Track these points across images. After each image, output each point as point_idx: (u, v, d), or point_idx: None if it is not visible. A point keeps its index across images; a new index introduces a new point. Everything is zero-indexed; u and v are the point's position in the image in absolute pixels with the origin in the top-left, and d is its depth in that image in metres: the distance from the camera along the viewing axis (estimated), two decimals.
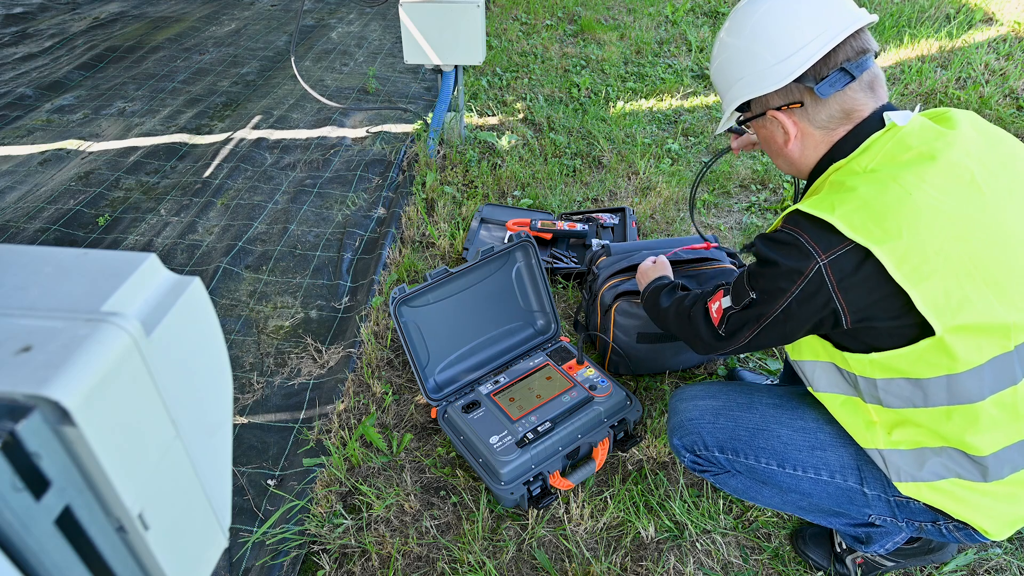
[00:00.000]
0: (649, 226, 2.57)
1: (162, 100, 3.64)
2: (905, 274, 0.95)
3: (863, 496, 1.20)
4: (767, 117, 1.16)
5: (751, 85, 1.14)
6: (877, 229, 0.96)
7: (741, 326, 1.17)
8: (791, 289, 1.04)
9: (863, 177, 1.03)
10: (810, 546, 1.48)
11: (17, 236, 2.52)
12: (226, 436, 0.53)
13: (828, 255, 0.99)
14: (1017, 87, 3.47)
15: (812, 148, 1.14)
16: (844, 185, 1.04)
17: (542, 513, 1.58)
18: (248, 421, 1.83)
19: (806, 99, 1.10)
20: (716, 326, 1.22)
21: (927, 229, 0.96)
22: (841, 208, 0.99)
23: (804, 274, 1.02)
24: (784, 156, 1.19)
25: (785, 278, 1.04)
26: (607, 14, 4.86)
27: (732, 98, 1.19)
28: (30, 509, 0.35)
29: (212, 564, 0.52)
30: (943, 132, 1.06)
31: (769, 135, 1.19)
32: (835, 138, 1.11)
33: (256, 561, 1.48)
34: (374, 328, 2.09)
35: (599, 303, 1.85)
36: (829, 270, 0.99)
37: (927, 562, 1.42)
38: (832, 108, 1.09)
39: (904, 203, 0.97)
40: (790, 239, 1.04)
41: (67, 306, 0.40)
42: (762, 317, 1.12)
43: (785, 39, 1.08)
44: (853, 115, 1.09)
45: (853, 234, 0.96)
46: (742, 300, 1.15)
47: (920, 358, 1.00)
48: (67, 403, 0.34)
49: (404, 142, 3.18)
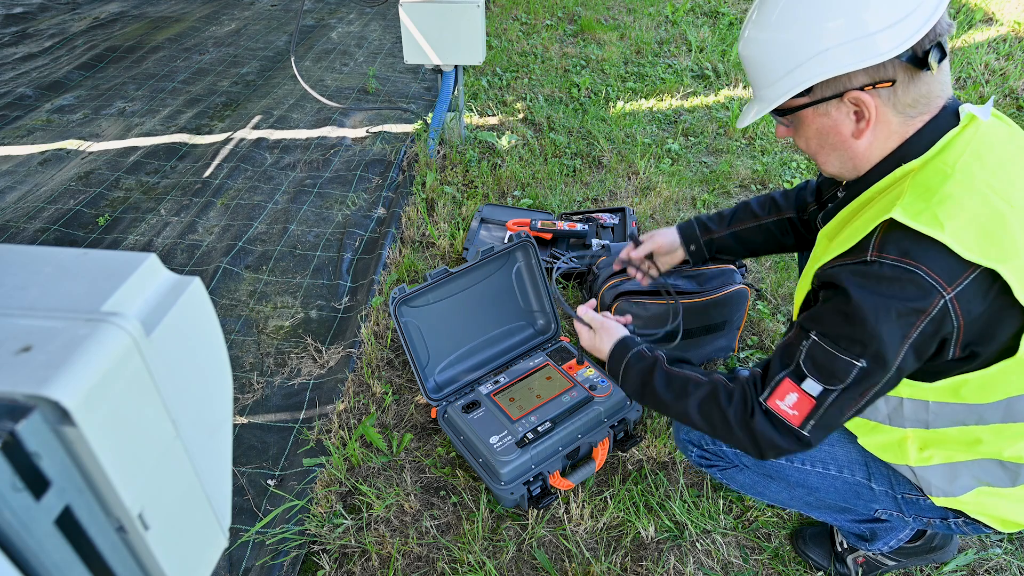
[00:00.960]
0: (649, 226, 2.57)
1: (162, 100, 3.64)
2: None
3: (870, 491, 1.19)
4: (840, 101, 0.95)
5: (840, 60, 0.91)
6: (994, 248, 0.84)
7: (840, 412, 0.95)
8: (910, 334, 0.87)
9: (956, 183, 0.89)
10: (810, 546, 1.48)
11: (17, 236, 2.52)
12: (226, 436, 0.53)
13: (954, 287, 0.85)
14: (1017, 87, 3.47)
15: (884, 140, 0.97)
16: (936, 191, 0.88)
17: (542, 513, 1.58)
18: (248, 421, 1.83)
19: (899, 76, 0.91)
20: (798, 427, 0.97)
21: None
22: (951, 223, 0.85)
23: (927, 312, 0.86)
24: (845, 149, 1.00)
25: (903, 323, 0.87)
26: (607, 14, 4.86)
27: (802, 79, 0.95)
28: (30, 509, 0.35)
29: (212, 564, 0.52)
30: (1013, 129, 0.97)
31: (832, 124, 0.98)
32: (911, 130, 0.95)
33: (256, 561, 1.48)
34: (374, 328, 2.09)
35: (599, 303, 1.85)
36: (956, 304, 0.85)
37: (929, 561, 1.42)
38: (921, 90, 0.92)
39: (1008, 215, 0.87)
40: (902, 274, 0.86)
41: (67, 306, 0.40)
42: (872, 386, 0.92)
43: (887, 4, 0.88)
44: (933, 103, 0.94)
45: (973, 256, 0.84)
46: (846, 376, 0.92)
47: (990, 381, 0.93)
48: (67, 403, 0.34)
49: (404, 142, 3.18)
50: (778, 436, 0.99)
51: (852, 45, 0.90)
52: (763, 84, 1.02)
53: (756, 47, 1.01)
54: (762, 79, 1.02)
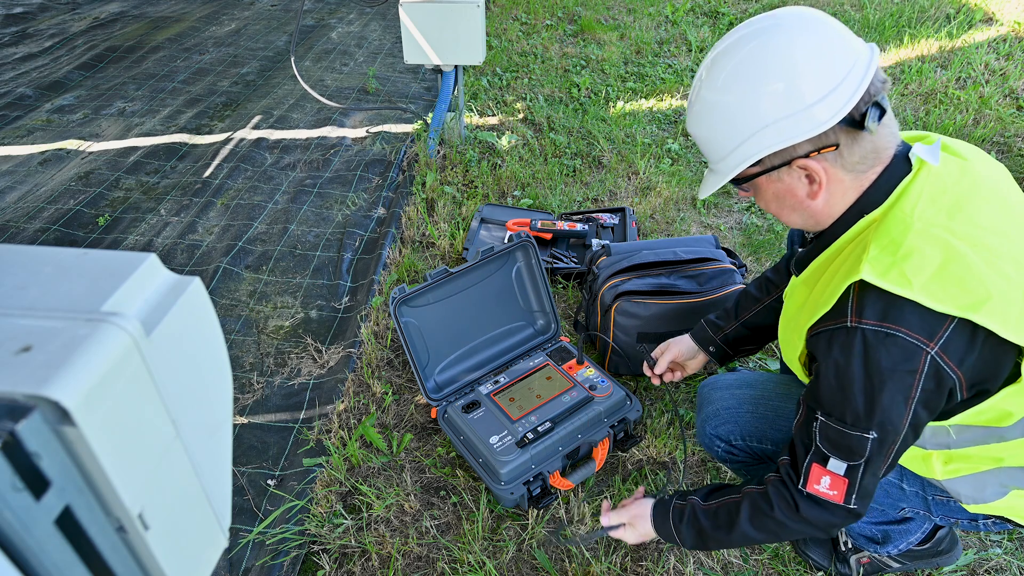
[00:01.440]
0: (649, 226, 2.57)
1: (162, 100, 3.64)
2: (1013, 330, 0.87)
3: (900, 491, 1.19)
4: (789, 168, 0.99)
5: (782, 133, 0.95)
6: (967, 295, 0.86)
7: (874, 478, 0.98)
8: (910, 396, 0.90)
9: (916, 234, 0.90)
10: (810, 546, 1.48)
11: (17, 236, 2.52)
12: (226, 436, 0.53)
13: (936, 341, 0.88)
14: (1017, 87, 3.47)
15: (840, 196, 1.00)
16: (903, 246, 0.90)
17: (542, 513, 1.58)
18: (248, 421, 1.83)
19: (842, 139, 0.95)
20: (843, 503, 1.00)
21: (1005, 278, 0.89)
22: (918, 278, 0.87)
23: (919, 371, 0.89)
24: (804, 210, 1.03)
25: (900, 388, 0.90)
26: (607, 14, 4.86)
27: (749, 154, 0.99)
28: (30, 509, 0.35)
29: (212, 564, 0.52)
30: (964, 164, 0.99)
31: (787, 188, 1.02)
32: (866, 183, 0.98)
33: (256, 561, 1.48)
34: (374, 328, 2.09)
35: (599, 303, 1.85)
36: (944, 356, 0.88)
37: (933, 565, 1.42)
38: (866, 147, 0.95)
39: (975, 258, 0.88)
40: (884, 339, 0.89)
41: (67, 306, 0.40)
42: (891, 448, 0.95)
43: (819, 76, 0.92)
44: (883, 155, 0.97)
45: (946, 308, 0.86)
46: (862, 450, 0.95)
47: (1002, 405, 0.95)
48: (67, 403, 0.34)
49: (404, 142, 3.19)
50: (831, 515, 1.02)
51: (792, 119, 0.93)
52: (715, 159, 1.07)
53: (702, 127, 1.06)
54: (713, 154, 1.06)
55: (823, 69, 0.92)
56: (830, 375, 0.95)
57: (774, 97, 0.94)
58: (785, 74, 0.93)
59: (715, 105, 1.01)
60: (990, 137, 3.05)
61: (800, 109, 0.93)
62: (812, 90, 0.92)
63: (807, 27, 0.95)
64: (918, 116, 3.26)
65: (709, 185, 1.09)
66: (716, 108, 1.01)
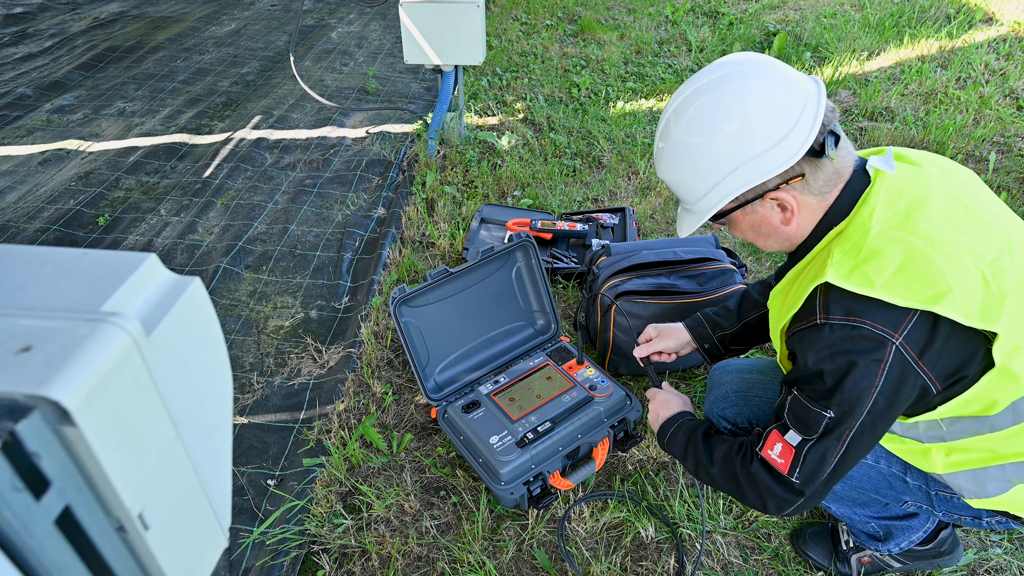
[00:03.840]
0: (649, 226, 2.57)
1: (162, 100, 3.64)
2: (980, 318, 0.91)
3: (903, 484, 1.20)
4: (762, 200, 1.07)
5: (752, 172, 1.03)
6: (927, 289, 0.92)
7: (821, 457, 1.03)
8: (874, 383, 0.95)
9: (880, 238, 0.98)
10: (810, 546, 1.48)
11: (17, 236, 2.52)
12: (226, 436, 0.53)
13: (900, 332, 0.93)
14: (1017, 87, 3.47)
15: (809, 217, 1.09)
16: (863, 248, 0.97)
17: (542, 513, 1.58)
18: (248, 421, 1.83)
19: (807, 169, 1.04)
20: (787, 474, 1.06)
21: (964, 270, 0.94)
22: (879, 278, 0.93)
23: (883, 361, 0.94)
24: (779, 235, 1.12)
25: (865, 376, 0.95)
26: (607, 14, 4.86)
27: (724, 194, 1.07)
28: (30, 509, 0.35)
29: (212, 564, 0.52)
30: (917, 169, 1.06)
31: (761, 219, 1.11)
32: (830, 201, 1.07)
33: (256, 561, 1.48)
34: (374, 328, 2.09)
35: (599, 303, 1.85)
36: (907, 347, 0.93)
37: (934, 566, 1.42)
38: (828, 172, 1.05)
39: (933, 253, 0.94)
40: (851, 332, 0.95)
41: (67, 306, 0.40)
42: (847, 431, 1.00)
43: (778, 117, 1.01)
44: (843, 174, 1.06)
45: (907, 302, 0.92)
46: (817, 425, 1.01)
47: (987, 393, 0.98)
48: (67, 403, 0.34)
49: (404, 142, 3.18)
50: (773, 483, 1.08)
51: (761, 158, 1.02)
52: (691, 201, 1.14)
53: (675, 174, 1.13)
54: (689, 197, 1.14)
55: (780, 110, 1.01)
56: (806, 361, 1.01)
57: (741, 142, 1.03)
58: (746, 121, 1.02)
59: (684, 156, 1.09)
60: (990, 137, 3.05)
61: (768, 148, 1.01)
62: (775, 130, 1.01)
63: (760, 72, 1.03)
64: (918, 116, 3.26)
65: (688, 225, 1.16)
66: (685, 159, 1.09)
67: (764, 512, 1.13)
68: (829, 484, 1.06)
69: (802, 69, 3.79)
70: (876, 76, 3.69)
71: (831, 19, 4.54)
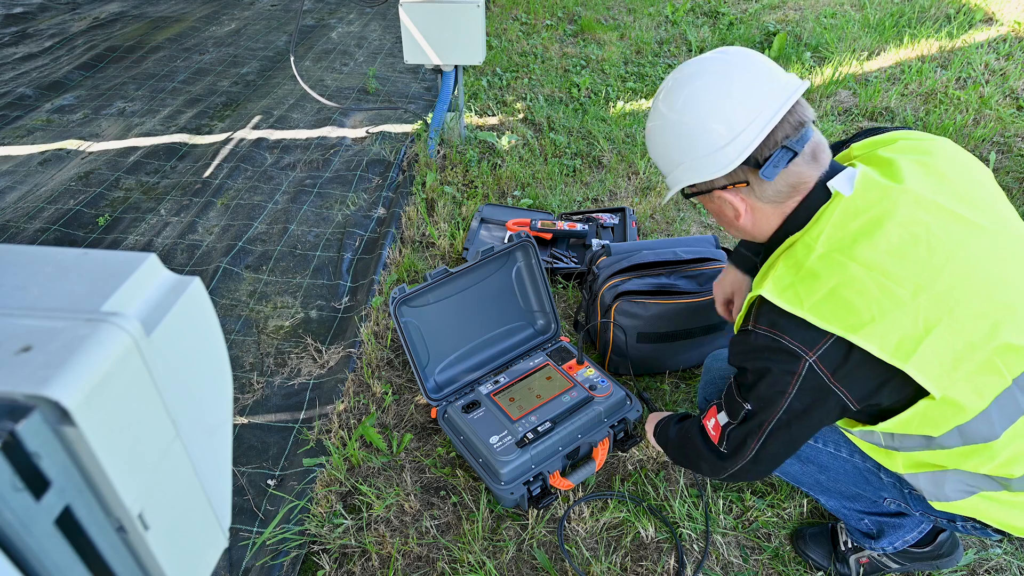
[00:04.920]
0: (649, 226, 2.57)
1: (162, 100, 3.64)
2: (892, 354, 0.93)
3: (879, 479, 1.22)
4: (710, 196, 1.14)
5: (692, 171, 1.11)
6: (851, 317, 0.94)
7: (743, 439, 1.11)
8: (787, 391, 1.01)
9: (821, 260, 0.99)
10: (810, 546, 1.48)
11: (17, 236, 2.52)
12: (226, 436, 0.53)
13: (815, 351, 0.97)
14: (1017, 87, 3.47)
15: (764, 221, 1.12)
16: (804, 268, 0.99)
17: (542, 513, 1.58)
18: (248, 421, 1.83)
19: (751, 179, 1.07)
20: (716, 444, 1.16)
21: (897, 302, 0.93)
22: (809, 300, 0.97)
23: (797, 373, 0.99)
24: (737, 228, 1.17)
25: (778, 382, 1.01)
26: (607, 14, 4.86)
27: (674, 181, 1.17)
28: (30, 509, 0.35)
29: (212, 564, 0.52)
30: (888, 189, 1.01)
31: (718, 209, 1.17)
32: (787, 211, 1.09)
33: (256, 561, 1.48)
34: (374, 328, 2.09)
35: (599, 303, 1.85)
36: (820, 365, 0.97)
37: (933, 568, 1.41)
38: (779, 185, 1.06)
39: (868, 282, 0.94)
40: (770, 343, 1.01)
41: (67, 306, 0.40)
42: (764, 424, 1.07)
43: (720, 126, 1.04)
44: (800, 187, 1.06)
45: (828, 326, 0.95)
46: (738, 414, 1.10)
47: (926, 417, 0.99)
48: (67, 403, 0.34)
49: (404, 142, 3.18)
50: (706, 449, 1.19)
51: (699, 161, 1.09)
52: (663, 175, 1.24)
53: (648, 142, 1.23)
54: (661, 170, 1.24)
55: (730, 116, 1.04)
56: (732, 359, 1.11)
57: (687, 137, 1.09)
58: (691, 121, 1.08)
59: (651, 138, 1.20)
60: (990, 137, 3.06)
61: (712, 151, 1.07)
62: (719, 136, 1.05)
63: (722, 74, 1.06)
64: (918, 116, 3.26)
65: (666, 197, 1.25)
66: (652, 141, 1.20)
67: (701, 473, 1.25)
68: (758, 464, 1.12)
69: (802, 69, 3.79)
70: (876, 76, 3.69)
71: (831, 19, 4.54)
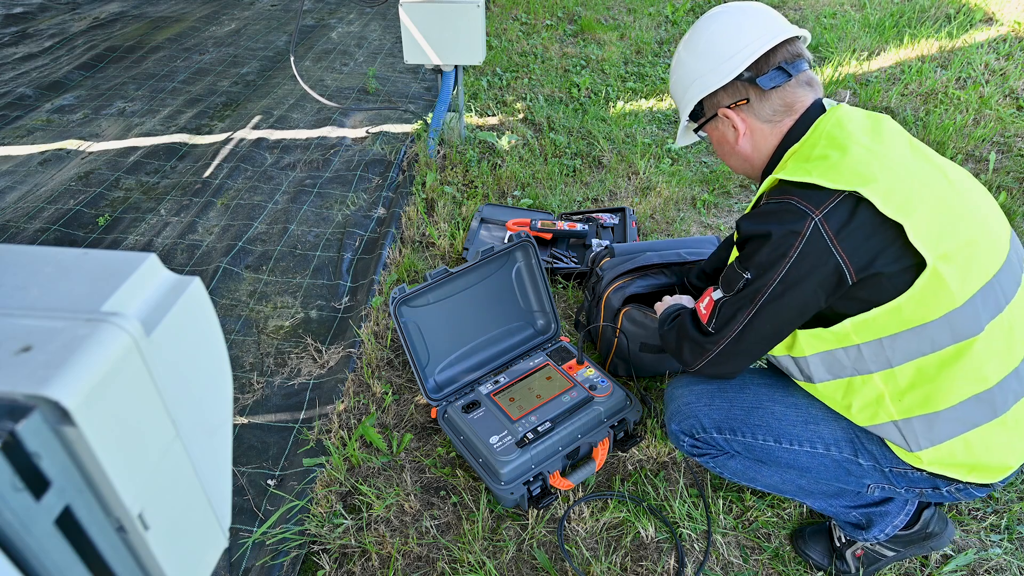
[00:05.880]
0: (649, 226, 2.57)
1: (162, 100, 3.64)
2: (894, 209, 1.02)
3: (859, 467, 1.23)
4: (718, 117, 1.27)
5: (702, 85, 1.26)
6: (856, 177, 1.04)
7: (733, 313, 1.16)
8: (789, 253, 1.06)
9: (827, 146, 1.11)
10: (810, 545, 1.48)
11: (17, 236, 2.52)
12: (226, 436, 0.53)
13: (821, 210, 1.04)
14: (1017, 87, 3.47)
15: (763, 142, 1.25)
16: (811, 156, 1.12)
17: (542, 513, 1.58)
18: (248, 421, 1.83)
19: (751, 95, 1.22)
20: (705, 323, 1.22)
21: (894, 172, 1.06)
22: (817, 170, 1.07)
23: (801, 233, 1.05)
24: (737, 154, 1.29)
25: (781, 244, 1.07)
26: (607, 14, 4.86)
27: (688, 100, 1.30)
28: (30, 509, 0.35)
29: (212, 564, 0.52)
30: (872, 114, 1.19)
31: (721, 136, 1.30)
32: (783, 130, 1.22)
33: (256, 561, 1.48)
34: (374, 328, 2.09)
35: (603, 305, 1.84)
36: (825, 224, 1.04)
37: (927, 549, 1.42)
38: (775, 102, 1.21)
39: (870, 154, 1.07)
40: (779, 206, 1.09)
41: (67, 306, 0.40)
42: (760, 292, 1.11)
43: (729, 43, 1.22)
44: (795, 107, 1.21)
45: (837, 185, 1.04)
46: (735, 284, 1.15)
47: (921, 300, 1.04)
48: (67, 403, 0.34)
49: (404, 142, 3.18)
50: (693, 329, 1.26)
51: (708, 73, 1.25)
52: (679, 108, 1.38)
53: (671, 83, 1.38)
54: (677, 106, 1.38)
55: (737, 37, 1.21)
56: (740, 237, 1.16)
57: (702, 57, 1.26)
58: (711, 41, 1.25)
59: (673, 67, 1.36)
60: (990, 137, 3.05)
61: (715, 66, 1.23)
62: (725, 51, 1.22)
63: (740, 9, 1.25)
64: (918, 116, 3.26)
65: (680, 136, 1.41)
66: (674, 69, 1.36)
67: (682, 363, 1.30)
68: (739, 344, 1.18)
69: None
70: (876, 76, 3.69)
71: (831, 19, 4.54)
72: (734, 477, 1.41)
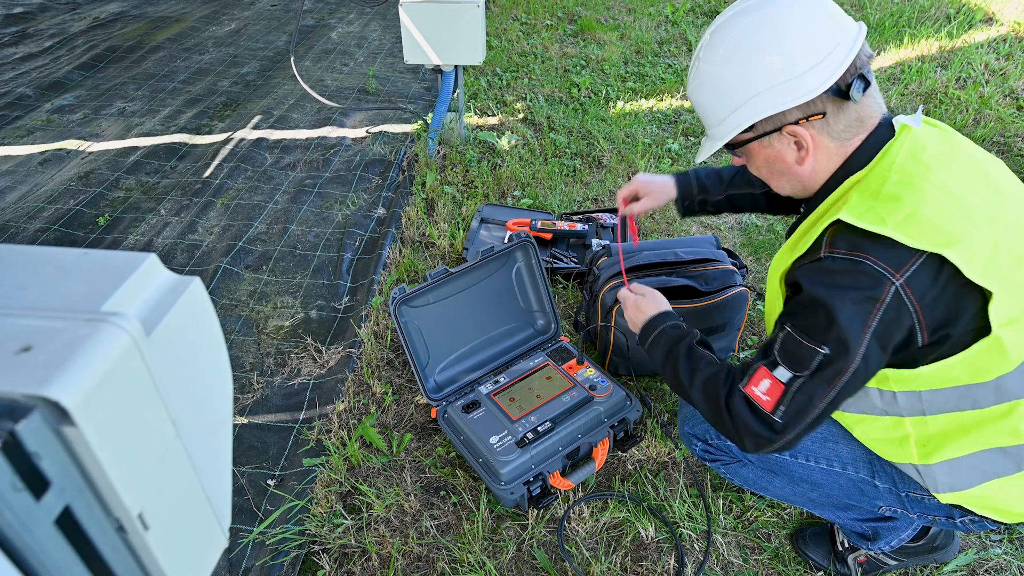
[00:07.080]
0: (649, 226, 2.57)
1: (162, 100, 3.64)
2: (979, 273, 0.91)
3: (874, 488, 1.20)
4: (780, 134, 1.06)
5: (774, 100, 1.02)
6: (938, 234, 0.91)
7: (810, 399, 0.99)
8: (869, 323, 0.93)
9: (895, 183, 0.97)
10: (810, 546, 1.48)
11: (17, 236, 2.52)
12: (226, 436, 0.53)
13: (902, 273, 0.92)
14: (1017, 87, 3.47)
15: (826, 162, 1.07)
16: (883, 192, 0.96)
17: (542, 513, 1.58)
18: (248, 421, 1.83)
19: (828, 108, 1.02)
20: (770, 412, 1.02)
21: (974, 223, 0.94)
22: (893, 218, 0.92)
23: (880, 300, 0.92)
24: (793, 174, 1.11)
25: (859, 312, 0.93)
26: (607, 14, 4.86)
27: (743, 119, 1.06)
28: (30, 509, 0.35)
29: (212, 564, 0.52)
30: (945, 131, 1.07)
31: (776, 154, 1.10)
32: (850, 149, 1.05)
33: (256, 561, 1.48)
34: (374, 328, 2.09)
35: (599, 304, 1.85)
36: (907, 289, 0.92)
37: (930, 561, 1.42)
38: (851, 116, 1.03)
39: (948, 200, 0.94)
40: (851, 266, 0.94)
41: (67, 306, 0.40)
42: (840, 374, 0.96)
43: (809, 47, 0.99)
44: (867, 122, 1.04)
45: (919, 244, 0.90)
46: (809, 362, 0.98)
47: (974, 362, 0.96)
48: (67, 403, 0.34)
49: (404, 142, 3.18)
50: (753, 420, 1.05)
51: (784, 86, 1.01)
52: (712, 123, 1.14)
53: (701, 94, 1.13)
54: (711, 119, 1.14)
55: (813, 41, 1.00)
56: (803, 296, 0.99)
57: (768, 67, 1.02)
58: (778, 45, 1.01)
59: (713, 76, 1.09)
60: (990, 137, 3.05)
61: (791, 77, 1.00)
62: (803, 60, 0.99)
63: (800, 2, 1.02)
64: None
65: (705, 150, 1.16)
66: (714, 78, 1.09)
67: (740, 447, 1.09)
68: (811, 428, 1.03)
69: None
70: (876, 76, 3.68)
71: None
72: (744, 484, 1.39)
